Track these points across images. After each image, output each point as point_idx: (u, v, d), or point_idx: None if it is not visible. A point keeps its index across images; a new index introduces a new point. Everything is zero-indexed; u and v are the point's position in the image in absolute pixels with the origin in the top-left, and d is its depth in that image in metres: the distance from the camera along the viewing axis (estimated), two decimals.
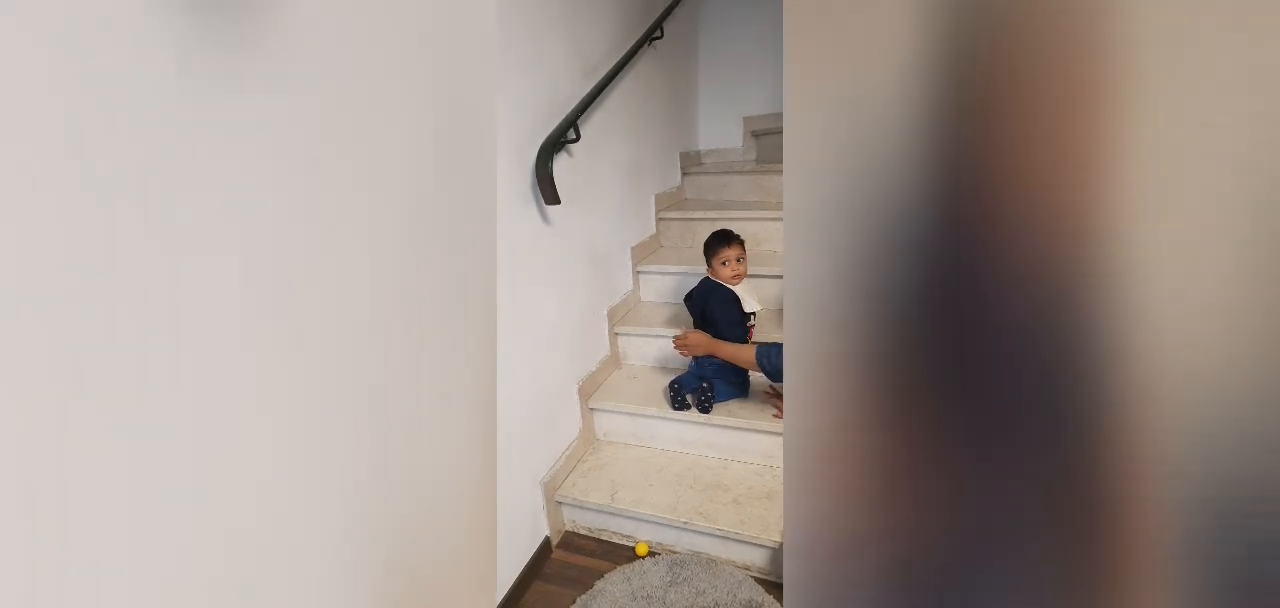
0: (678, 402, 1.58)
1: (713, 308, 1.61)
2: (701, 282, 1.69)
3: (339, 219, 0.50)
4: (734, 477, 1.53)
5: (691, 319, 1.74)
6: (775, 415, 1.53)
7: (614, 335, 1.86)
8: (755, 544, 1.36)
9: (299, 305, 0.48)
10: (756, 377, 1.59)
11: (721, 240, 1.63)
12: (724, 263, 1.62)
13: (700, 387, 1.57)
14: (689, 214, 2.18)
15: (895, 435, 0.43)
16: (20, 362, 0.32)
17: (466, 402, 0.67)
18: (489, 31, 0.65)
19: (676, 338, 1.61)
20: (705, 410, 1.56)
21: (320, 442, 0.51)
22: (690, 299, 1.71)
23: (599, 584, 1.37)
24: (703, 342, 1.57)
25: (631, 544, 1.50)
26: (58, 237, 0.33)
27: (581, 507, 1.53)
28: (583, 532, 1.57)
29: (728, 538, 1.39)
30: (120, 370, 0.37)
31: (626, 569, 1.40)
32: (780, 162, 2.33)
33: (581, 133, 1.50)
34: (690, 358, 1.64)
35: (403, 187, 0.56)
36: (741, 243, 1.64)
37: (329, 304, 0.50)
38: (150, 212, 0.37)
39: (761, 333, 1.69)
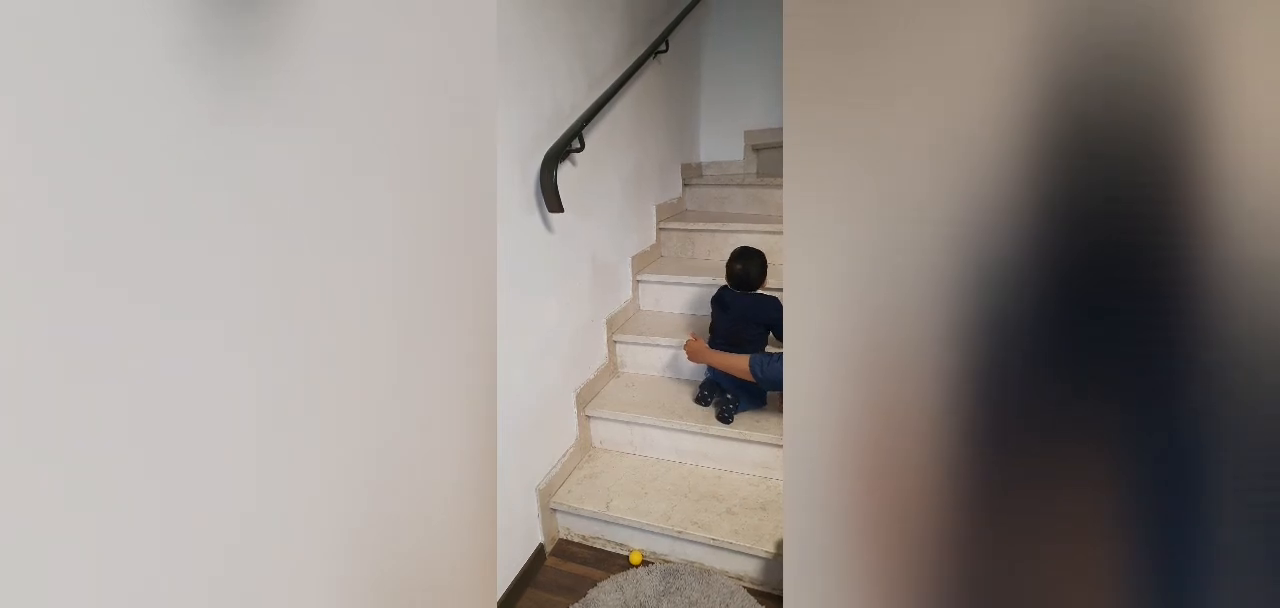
0: (707, 402, 1.64)
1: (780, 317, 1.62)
2: (767, 295, 1.66)
3: (337, 223, 0.51)
4: (728, 487, 1.54)
5: (711, 322, 1.73)
6: None
7: (612, 343, 1.86)
8: (749, 555, 1.37)
9: (298, 311, 0.48)
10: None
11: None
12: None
13: (725, 398, 1.57)
14: (689, 225, 2.20)
15: (898, 447, 0.44)
16: (13, 356, 0.32)
17: (467, 408, 0.67)
18: (489, 40, 0.66)
19: (686, 344, 1.65)
20: (726, 421, 1.56)
21: (320, 448, 0.51)
22: (751, 315, 1.63)
23: (592, 593, 1.37)
24: (701, 350, 1.59)
25: (625, 553, 1.50)
26: (58, 218, 0.34)
27: (576, 514, 1.54)
28: (577, 539, 1.57)
29: (721, 548, 1.39)
30: (115, 368, 0.37)
31: (620, 578, 1.40)
32: (780, 175, 2.35)
33: (585, 142, 1.52)
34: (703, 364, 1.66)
35: (402, 193, 0.57)
36: None
37: (329, 309, 0.51)
38: (154, 206, 0.38)
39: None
